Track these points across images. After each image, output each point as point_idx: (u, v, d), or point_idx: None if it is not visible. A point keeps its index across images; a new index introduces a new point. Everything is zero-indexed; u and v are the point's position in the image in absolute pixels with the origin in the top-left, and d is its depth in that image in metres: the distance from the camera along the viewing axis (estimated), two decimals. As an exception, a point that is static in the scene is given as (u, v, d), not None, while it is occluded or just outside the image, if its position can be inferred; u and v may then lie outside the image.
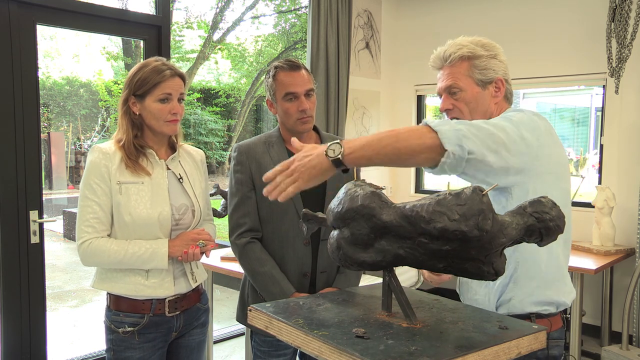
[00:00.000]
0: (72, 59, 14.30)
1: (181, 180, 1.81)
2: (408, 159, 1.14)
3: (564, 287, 1.45)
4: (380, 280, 1.08)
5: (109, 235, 1.72)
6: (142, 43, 3.33)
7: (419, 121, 4.85)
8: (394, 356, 0.82)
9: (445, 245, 0.89)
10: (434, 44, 1.62)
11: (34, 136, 2.77)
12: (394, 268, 1.02)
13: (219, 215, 2.84)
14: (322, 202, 1.81)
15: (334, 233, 1.03)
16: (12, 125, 2.70)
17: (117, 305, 1.74)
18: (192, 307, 1.84)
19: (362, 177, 1.16)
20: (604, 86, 3.76)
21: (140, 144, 1.75)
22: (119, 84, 11.92)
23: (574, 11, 3.84)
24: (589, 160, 10.45)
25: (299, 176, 1.14)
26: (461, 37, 1.52)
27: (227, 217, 1.92)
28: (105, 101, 12.62)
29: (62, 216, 8.86)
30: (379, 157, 1.13)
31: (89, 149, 2.01)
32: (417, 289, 2.84)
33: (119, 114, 1.77)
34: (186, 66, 12.59)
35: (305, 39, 4.38)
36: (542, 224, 0.94)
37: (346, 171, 1.17)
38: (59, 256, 7.60)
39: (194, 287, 1.83)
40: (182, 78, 1.76)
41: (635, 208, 3.58)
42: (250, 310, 1.09)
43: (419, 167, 1.20)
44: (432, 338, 0.91)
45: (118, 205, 1.69)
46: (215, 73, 15.53)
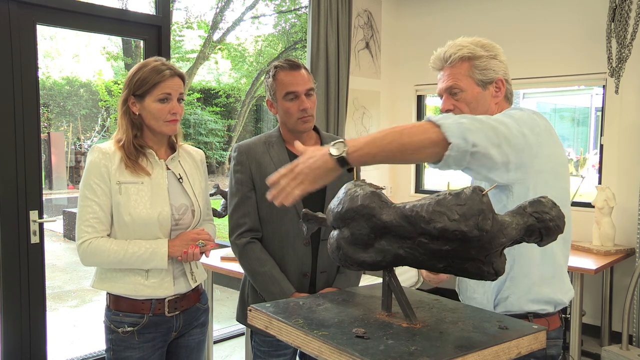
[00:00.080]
0: (72, 59, 14.31)
1: (181, 180, 1.81)
2: (412, 154, 1.14)
3: (561, 285, 1.45)
4: (380, 280, 1.08)
5: (108, 235, 1.72)
6: (142, 43, 3.33)
7: (419, 121, 4.85)
8: (394, 356, 0.82)
9: (445, 245, 0.89)
10: (434, 44, 1.62)
11: (34, 136, 2.77)
12: (394, 268, 1.02)
13: (219, 215, 2.84)
14: (322, 202, 1.81)
15: (334, 233, 1.03)
16: (12, 125, 2.70)
17: (117, 305, 1.74)
18: (191, 307, 1.84)
19: (362, 177, 1.16)
20: (604, 86, 3.76)
21: (140, 144, 1.75)
22: (119, 84, 11.92)
23: (574, 11, 3.84)
24: (589, 160, 10.45)
25: (305, 178, 1.14)
26: (461, 38, 1.52)
27: (227, 217, 1.92)
28: (105, 101, 12.63)
29: (62, 216, 8.86)
30: (384, 153, 1.13)
31: (89, 149, 2.01)
32: (417, 289, 2.84)
33: (118, 114, 1.77)
34: (186, 66, 12.59)
35: (305, 39, 4.38)
36: (542, 224, 0.94)
37: (351, 170, 1.17)
38: (59, 256, 7.60)
39: (194, 287, 1.83)
40: (182, 78, 1.76)
41: (635, 208, 3.58)
42: (250, 310, 1.09)
43: (423, 162, 1.20)
44: (432, 338, 0.91)
45: (118, 205, 1.69)
46: (215, 73, 15.54)
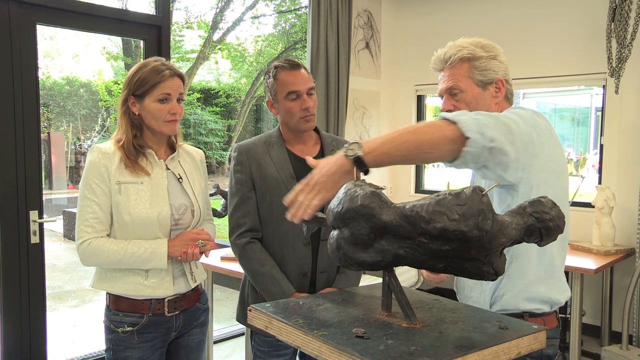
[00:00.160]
0: (72, 59, 14.31)
1: (180, 180, 1.81)
2: (429, 152, 1.13)
3: (558, 285, 1.46)
4: (380, 280, 1.08)
5: (108, 235, 1.72)
6: (142, 43, 3.33)
7: (419, 121, 4.85)
8: (393, 356, 0.82)
9: (445, 245, 0.89)
10: (434, 44, 1.62)
11: (34, 136, 2.77)
12: (394, 268, 1.02)
13: (219, 215, 2.84)
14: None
15: (334, 233, 1.03)
16: (12, 125, 2.70)
17: (117, 305, 1.74)
18: (191, 307, 1.84)
19: (362, 177, 1.16)
20: (604, 86, 3.76)
21: (140, 144, 1.75)
22: (119, 84, 11.92)
23: (574, 11, 3.84)
24: (589, 160, 10.45)
25: (322, 187, 1.13)
26: (461, 39, 1.52)
27: (227, 217, 1.92)
28: (105, 101, 12.63)
29: (62, 216, 8.86)
30: (400, 153, 1.12)
31: (88, 149, 2.01)
32: (417, 289, 2.84)
33: (118, 114, 1.77)
34: (186, 66, 12.59)
35: (305, 39, 4.38)
36: (542, 224, 0.94)
37: (367, 172, 1.14)
38: (59, 256, 7.60)
39: (193, 287, 1.83)
40: (182, 78, 1.76)
41: (635, 208, 3.58)
42: (250, 310, 1.09)
43: (439, 161, 1.18)
44: (432, 338, 0.90)
45: (117, 205, 1.69)
46: (215, 73, 15.54)
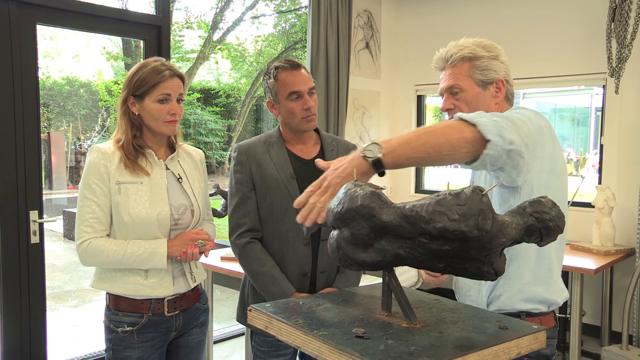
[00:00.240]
0: (72, 59, 14.32)
1: (180, 180, 1.80)
2: (448, 154, 1.10)
3: (554, 285, 1.46)
4: (380, 280, 1.07)
5: (108, 235, 1.72)
6: (142, 43, 3.33)
7: (419, 121, 4.86)
8: (393, 356, 0.82)
9: (445, 245, 0.89)
10: (434, 44, 1.62)
11: (34, 136, 2.77)
12: (394, 268, 1.02)
13: (219, 215, 2.84)
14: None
15: (334, 233, 1.03)
16: (12, 125, 2.70)
17: (116, 305, 1.74)
18: (191, 307, 1.84)
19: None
20: (604, 86, 3.76)
21: (139, 144, 1.75)
22: (119, 84, 11.92)
23: (574, 11, 3.84)
24: (589, 160, 10.45)
25: (336, 188, 1.07)
26: (463, 39, 1.53)
27: (227, 217, 1.92)
28: (105, 101, 12.64)
29: (62, 216, 8.86)
30: (418, 154, 1.09)
31: (88, 149, 2.01)
32: (417, 289, 2.84)
33: (118, 114, 1.77)
34: (186, 66, 12.60)
35: (305, 39, 4.38)
36: (542, 224, 0.94)
37: (383, 174, 1.11)
38: (59, 256, 7.60)
39: (193, 286, 1.83)
40: (181, 78, 1.76)
41: (635, 208, 3.58)
42: (250, 310, 1.09)
43: (456, 163, 1.15)
44: (432, 338, 0.90)
45: (117, 205, 1.69)
46: (215, 73, 15.55)
